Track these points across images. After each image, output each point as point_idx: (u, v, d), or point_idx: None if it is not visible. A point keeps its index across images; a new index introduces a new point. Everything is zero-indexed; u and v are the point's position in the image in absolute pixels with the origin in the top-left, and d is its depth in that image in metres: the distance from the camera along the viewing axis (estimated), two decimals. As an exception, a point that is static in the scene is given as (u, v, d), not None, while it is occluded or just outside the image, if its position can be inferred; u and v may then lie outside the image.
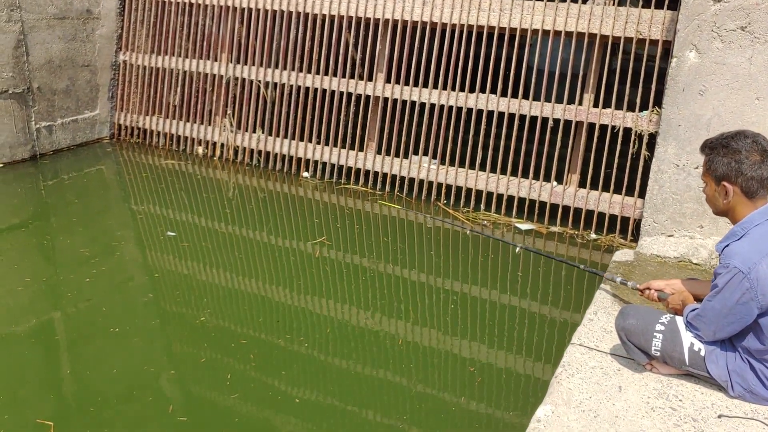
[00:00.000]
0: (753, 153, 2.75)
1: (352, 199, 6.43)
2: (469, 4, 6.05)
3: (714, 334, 2.82)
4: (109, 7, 7.44)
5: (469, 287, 4.78)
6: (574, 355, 3.17)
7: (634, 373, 3.04)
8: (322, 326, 4.22)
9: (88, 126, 7.49)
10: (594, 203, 5.71)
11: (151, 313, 4.32)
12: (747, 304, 2.68)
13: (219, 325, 4.17)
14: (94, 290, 4.48)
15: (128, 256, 5.09)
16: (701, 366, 2.89)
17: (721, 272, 2.75)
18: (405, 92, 6.40)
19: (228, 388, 3.56)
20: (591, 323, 3.45)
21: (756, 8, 4.08)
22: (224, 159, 7.31)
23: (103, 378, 3.60)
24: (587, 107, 5.74)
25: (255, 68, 7.07)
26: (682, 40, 4.36)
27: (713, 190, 2.88)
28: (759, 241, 2.73)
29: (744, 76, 4.14)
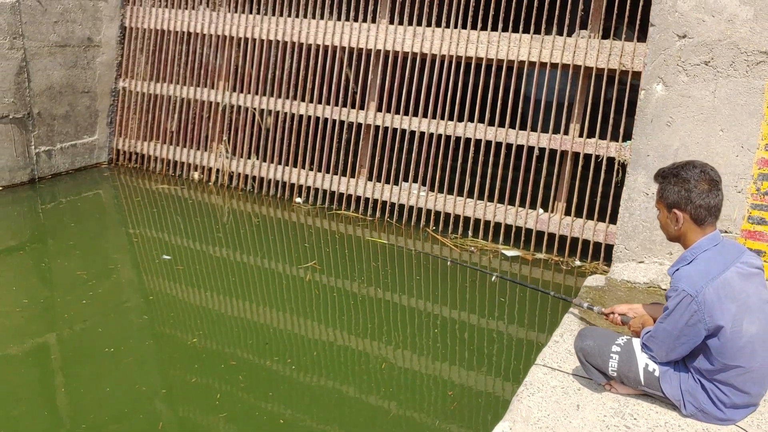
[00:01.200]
0: (701, 182, 2.88)
1: (343, 225, 6.57)
2: (458, 36, 6.23)
3: (666, 355, 2.92)
4: (110, 35, 7.67)
5: (450, 311, 4.89)
6: (536, 374, 3.28)
7: (593, 392, 3.14)
8: (309, 348, 4.34)
9: (86, 151, 7.68)
10: (579, 230, 5.82)
11: (145, 334, 4.45)
12: (695, 326, 2.79)
13: (210, 347, 4.29)
14: (90, 312, 4.61)
15: (124, 278, 5.22)
16: (656, 386, 2.98)
17: (671, 295, 2.87)
18: (396, 120, 6.57)
19: (216, 408, 3.67)
20: (556, 345, 3.55)
21: (718, 44, 4.23)
22: (219, 184, 7.48)
23: (96, 397, 3.71)
24: (572, 136, 5.88)
25: (251, 96, 7.27)
26: (649, 74, 4.51)
27: (665, 217, 3.01)
28: (706, 266, 2.84)
29: (708, 108, 4.28)
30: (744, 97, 4.18)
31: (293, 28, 6.95)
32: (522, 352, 4.46)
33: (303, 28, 6.90)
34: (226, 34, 7.32)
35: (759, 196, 4.17)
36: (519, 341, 4.56)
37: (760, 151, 4.15)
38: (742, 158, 4.19)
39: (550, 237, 5.99)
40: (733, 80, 4.19)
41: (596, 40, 5.67)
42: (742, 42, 4.16)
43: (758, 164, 4.18)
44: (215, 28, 7.34)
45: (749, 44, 4.14)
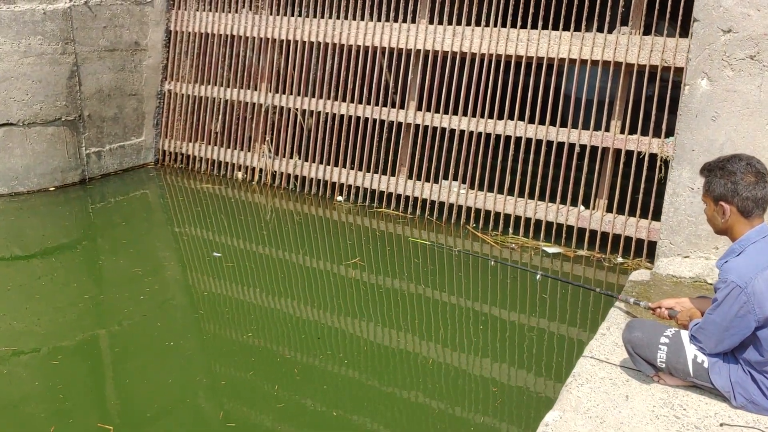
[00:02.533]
0: (748, 175, 2.91)
1: (384, 223, 6.66)
2: (497, 35, 6.28)
3: (716, 346, 2.95)
4: (156, 39, 7.87)
5: (492, 308, 4.94)
6: (584, 366, 3.32)
7: (641, 384, 3.18)
8: (357, 344, 4.45)
9: (134, 152, 7.89)
10: (621, 227, 5.83)
11: (203, 328, 4.61)
12: (745, 317, 2.82)
13: (264, 341, 4.43)
14: (148, 307, 4.79)
15: (177, 275, 5.38)
16: (705, 377, 3.01)
17: (720, 287, 2.90)
18: (435, 119, 6.63)
19: (274, 398, 3.80)
20: (603, 338, 3.59)
21: (764, 38, 4.22)
22: (262, 184, 7.62)
23: (158, 387, 3.88)
24: (614, 133, 5.88)
25: (293, 97, 7.40)
26: (693, 69, 4.51)
27: (712, 210, 3.04)
28: (755, 257, 2.87)
29: (754, 102, 4.28)
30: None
31: (334, 30, 7.06)
32: (564, 348, 4.50)
33: (344, 29, 7.01)
34: (268, 37, 7.46)
35: (806, 190, 4.15)
36: (561, 338, 4.60)
37: (807, 145, 4.14)
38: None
39: (592, 234, 6.00)
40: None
41: (637, 37, 5.67)
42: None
43: (805, 158, 4.16)
44: (257, 31, 7.49)
45: (796, 38, 4.13)
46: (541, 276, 4.72)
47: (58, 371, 3.98)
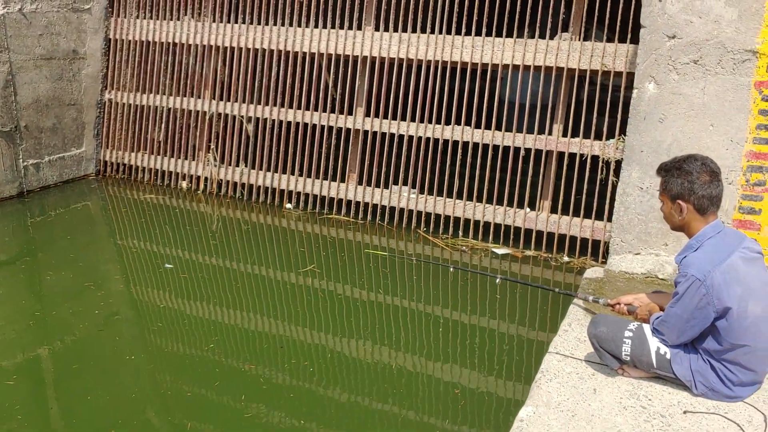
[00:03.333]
0: (703, 174, 3.08)
1: (334, 229, 6.67)
2: (443, 42, 6.39)
3: (677, 337, 3.10)
4: (95, 47, 7.68)
5: (451, 312, 4.98)
6: (551, 362, 3.43)
7: (607, 377, 3.30)
8: (321, 353, 4.41)
9: (74, 163, 7.68)
10: (566, 227, 6.01)
11: (163, 341, 4.50)
12: (704, 309, 2.97)
13: (227, 352, 4.36)
14: (104, 321, 4.65)
15: (127, 288, 5.24)
16: (667, 368, 3.16)
17: (681, 281, 3.04)
18: (384, 125, 6.70)
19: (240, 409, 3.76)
20: (566, 334, 3.71)
21: (706, 44, 4.45)
22: (208, 192, 7.53)
23: (122, 402, 3.76)
24: (557, 137, 6.07)
25: (237, 104, 7.34)
26: (641, 73, 4.72)
27: (669, 208, 3.19)
28: (712, 252, 3.03)
29: (699, 104, 4.50)
30: (732, 94, 4.40)
31: (279, 37, 7.05)
32: (524, 348, 4.60)
33: (289, 36, 7.01)
34: (211, 44, 7.39)
35: (749, 187, 4.40)
36: (521, 337, 4.70)
37: (748, 144, 4.37)
38: (731, 151, 4.42)
39: (538, 234, 6.16)
40: (720, 78, 4.41)
41: (578, 42, 5.87)
42: (728, 41, 4.38)
43: (747, 157, 4.40)
44: (200, 38, 7.40)
45: (735, 43, 4.36)
46: (501, 279, 4.83)
47: (11, 390, 3.85)
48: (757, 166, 4.39)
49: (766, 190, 4.36)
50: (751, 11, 4.30)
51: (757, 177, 4.39)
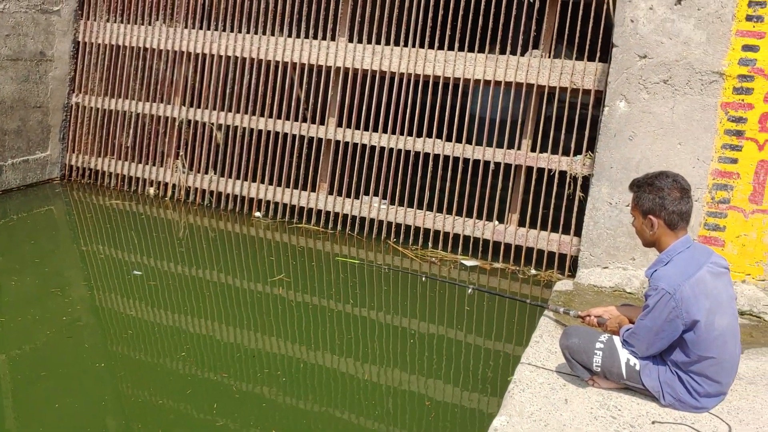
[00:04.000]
0: (674, 190, 3.17)
1: (304, 238, 6.66)
2: (416, 55, 6.45)
3: (647, 349, 3.17)
4: (63, 50, 7.58)
5: (420, 323, 4.99)
6: (523, 372, 3.48)
7: (578, 387, 3.36)
8: (295, 364, 4.38)
9: (38, 166, 7.54)
10: (533, 241, 6.10)
11: (131, 350, 4.42)
12: (673, 321, 3.05)
13: (199, 360, 4.31)
14: (52, 330, 4.53)
15: (96, 295, 5.15)
16: (637, 379, 3.23)
17: (651, 294, 3.12)
18: (356, 136, 6.73)
19: (214, 416, 3.72)
20: (537, 345, 3.77)
21: (676, 64, 4.59)
22: (176, 199, 7.46)
23: (93, 410, 3.68)
24: (525, 152, 6.16)
25: (208, 111, 7.30)
26: (612, 91, 4.84)
27: (641, 223, 3.28)
28: (682, 266, 3.12)
29: (667, 123, 4.63)
30: (699, 114, 4.54)
31: (252, 45, 7.04)
32: (491, 359, 4.64)
33: (262, 44, 7.01)
34: (183, 50, 7.35)
35: (714, 205, 4.53)
36: (491, 349, 4.74)
37: (714, 163, 4.51)
38: (698, 169, 4.55)
39: (507, 247, 6.25)
40: (689, 98, 4.55)
41: (548, 60, 5.99)
42: (696, 63, 4.52)
43: (712, 175, 4.54)
44: (172, 44, 7.35)
45: (703, 65, 4.51)
46: (473, 290, 4.88)
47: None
48: (722, 184, 4.52)
49: (730, 208, 4.50)
50: (719, 34, 4.45)
51: (721, 195, 4.53)
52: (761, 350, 4.01)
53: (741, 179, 4.49)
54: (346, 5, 6.80)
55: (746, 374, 3.63)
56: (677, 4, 4.56)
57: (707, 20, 4.50)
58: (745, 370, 3.65)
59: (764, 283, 4.47)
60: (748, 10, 4.38)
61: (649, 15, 4.64)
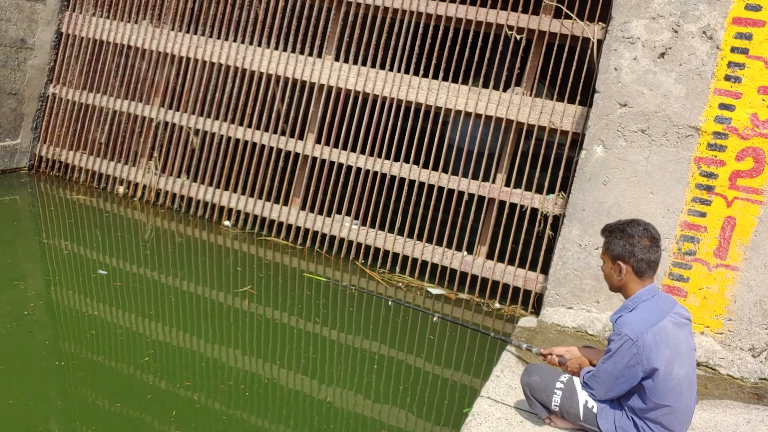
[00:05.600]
0: (644, 239, 3.23)
1: (271, 252, 6.62)
2: (400, 80, 6.50)
3: (606, 393, 3.21)
4: (45, 39, 7.49)
5: (387, 349, 4.97)
6: (482, 406, 3.49)
7: (534, 425, 3.38)
8: (254, 378, 4.34)
9: (7, 154, 7.41)
10: (500, 274, 6.13)
11: (94, 350, 4.34)
12: (634, 368, 3.10)
13: (162, 367, 4.24)
14: (11, 324, 4.42)
15: (45, 291, 5.03)
16: (593, 421, 3.26)
17: (614, 339, 3.17)
18: (333, 154, 6.73)
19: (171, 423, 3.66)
20: (498, 379, 3.79)
21: (654, 115, 4.70)
22: (144, 201, 7.37)
23: (48, 412, 3.60)
24: (499, 185, 6.22)
25: (187, 115, 7.26)
26: (591, 135, 4.93)
27: (609, 268, 3.33)
28: (646, 314, 3.17)
29: (642, 172, 4.73)
30: (673, 165, 4.64)
31: (237, 53, 7.03)
32: (453, 389, 4.63)
33: (247, 54, 7.00)
34: (167, 52, 7.30)
35: (680, 255, 4.62)
36: (451, 379, 4.73)
37: (683, 215, 4.61)
38: (667, 219, 4.64)
39: (473, 278, 6.27)
40: (664, 149, 4.65)
41: (529, 98, 6.07)
42: (674, 116, 4.63)
43: (681, 226, 4.63)
44: (156, 45, 7.31)
45: (681, 118, 4.62)
46: (439, 318, 4.88)
47: None
48: (690, 236, 4.62)
49: (695, 260, 4.59)
50: (698, 90, 4.57)
51: (688, 246, 4.62)
52: (714, 402, 4.07)
53: (708, 233, 4.59)
54: (335, 25, 6.84)
55: (699, 425, 3.68)
56: (660, 57, 4.68)
57: (688, 76, 4.62)
58: (698, 421, 3.70)
59: (722, 336, 4.56)
60: (727, 70, 4.51)
61: (632, 65, 4.76)
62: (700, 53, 4.57)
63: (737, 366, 4.49)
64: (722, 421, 3.80)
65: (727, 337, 4.55)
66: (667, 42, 4.65)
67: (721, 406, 4.03)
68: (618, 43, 4.80)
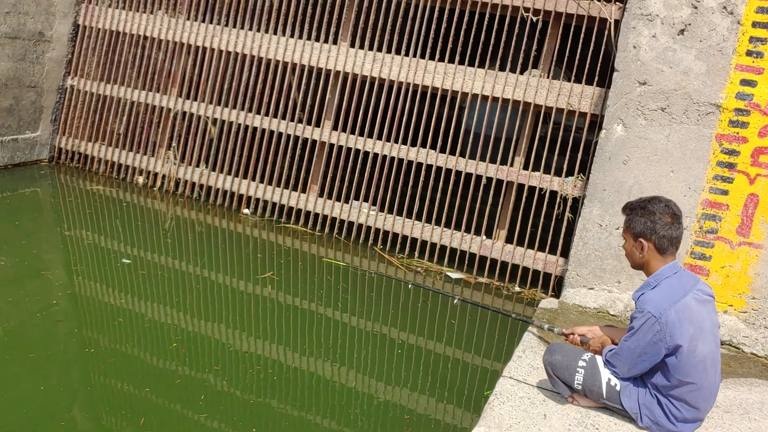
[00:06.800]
0: (665, 215, 3.20)
1: (291, 239, 6.64)
2: (416, 65, 6.48)
3: (629, 370, 3.19)
4: (62, 31, 7.54)
5: (409, 334, 4.96)
6: (504, 385, 3.49)
7: (557, 404, 3.37)
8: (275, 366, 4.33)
9: (27, 146, 7.48)
10: (519, 258, 6.12)
11: (127, 337, 4.38)
12: (657, 345, 3.08)
13: (191, 352, 4.28)
14: (42, 313, 4.49)
15: (72, 280, 5.07)
16: (616, 399, 3.25)
17: (637, 316, 3.15)
18: (350, 140, 6.73)
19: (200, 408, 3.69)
20: (519, 360, 3.78)
21: (674, 93, 4.65)
22: (164, 190, 7.42)
23: (49, 399, 3.64)
24: (518, 169, 6.20)
25: (204, 105, 7.28)
26: (611, 115, 4.89)
27: (631, 246, 3.31)
28: (669, 291, 3.14)
29: (662, 150, 4.69)
30: (694, 143, 4.59)
31: (253, 42, 7.04)
32: (477, 374, 4.63)
33: (263, 42, 7.01)
34: (183, 41, 7.33)
35: (701, 234, 4.58)
36: (472, 363, 4.72)
37: (705, 193, 4.56)
38: (689, 198, 4.60)
39: (492, 262, 6.26)
40: (685, 127, 4.60)
41: (547, 80, 6.03)
42: (694, 93, 4.58)
43: (702, 204, 4.59)
44: (173, 35, 7.34)
45: (701, 96, 4.57)
46: (459, 300, 4.87)
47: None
48: (711, 215, 4.58)
49: (717, 238, 4.55)
50: (719, 67, 4.52)
51: (710, 225, 4.58)
52: (739, 380, 4.05)
53: (730, 211, 4.54)
54: (350, 11, 6.83)
55: (723, 403, 3.66)
56: (680, 34, 4.62)
57: (708, 52, 4.57)
58: (722, 399, 3.68)
59: (745, 315, 4.52)
60: (748, 46, 4.45)
61: (651, 42, 4.70)
62: (721, 29, 4.51)
63: (761, 344, 4.45)
64: (747, 399, 3.77)
65: (751, 316, 4.51)
66: (686, 18, 4.59)
67: (745, 384, 4.00)
68: (636, 21, 4.75)
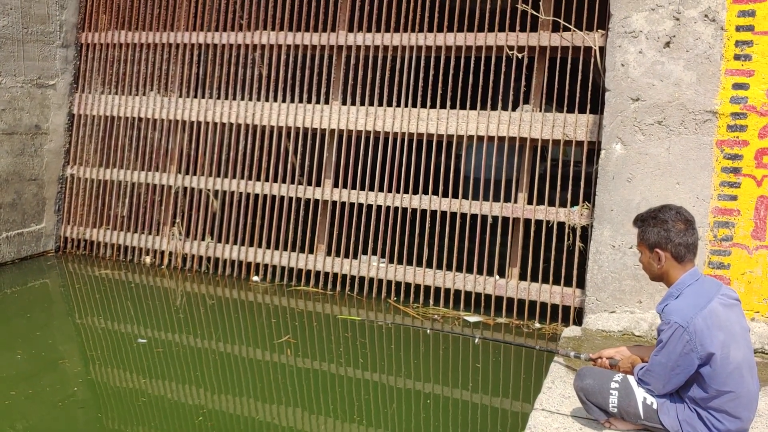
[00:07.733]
0: (678, 222, 3.14)
1: (302, 301, 6.57)
2: (408, 114, 6.52)
3: (663, 386, 3.08)
4: (58, 122, 7.64)
5: (430, 384, 4.80)
6: (538, 418, 3.37)
7: (594, 431, 3.25)
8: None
9: (33, 239, 7.49)
10: (536, 294, 6.03)
11: (148, 416, 4.29)
12: (688, 355, 2.97)
13: (216, 426, 4.16)
14: (64, 402, 4.40)
15: (74, 368, 5.01)
16: (655, 418, 3.12)
17: (664, 329, 3.05)
18: (352, 195, 6.73)
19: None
20: (550, 391, 3.67)
21: (668, 105, 4.65)
22: (172, 267, 7.39)
23: None
24: (522, 204, 6.16)
25: (204, 178, 7.32)
26: (608, 134, 4.88)
27: (648, 258, 3.23)
28: (693, 298, 3.05)
29: (664, 163, 4.66)
30: (695, 153, 4.57)
31: (246, 111, 7.12)
32: (503, 414, 4.49)
33: (257, 110, 7.08)
34: (178, 118, 7.41)
35: (717, 242, 4.51)
36: (503, 405, 4.57)
37: (714, 201, 4.51)
38: (698, 208, 4.55)
39: (509, 301, 6.17)
40: (684, 137, 4.58)
41: (540, 113, 6.05)
42: (689, 103, 4.58)
43: (713, 213, 4.53)
44: (167, 113, 7.43)
45: (695, 104, 4.57)
46: (480, 339, 4.76)
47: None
48: (723, 222, 4.51)
49: (733, 245, 4.47)
50: (709, 74, 4.53)
51: (723, 232, 4.51)
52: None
53: (742, 216, 4.48)
54: (338, 70, 6.92)
55: (765, 412, 3.52)
56: (666, 47, 4.65)
57: (696, 61, 4.59)
58: (764, 407, 3.54)
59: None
60: (735, 50, 4.47)
61: (639, 58, 4.73)
62: (706, 37, 4.54)
63: (795, 349, 4.33)
64: (789, 405, 3.64)
65: (780, 321, 4.40)
66: (670, 30, 4.62)
67: (785, 391, 3.87)
68: (621, 39, 4.79)
